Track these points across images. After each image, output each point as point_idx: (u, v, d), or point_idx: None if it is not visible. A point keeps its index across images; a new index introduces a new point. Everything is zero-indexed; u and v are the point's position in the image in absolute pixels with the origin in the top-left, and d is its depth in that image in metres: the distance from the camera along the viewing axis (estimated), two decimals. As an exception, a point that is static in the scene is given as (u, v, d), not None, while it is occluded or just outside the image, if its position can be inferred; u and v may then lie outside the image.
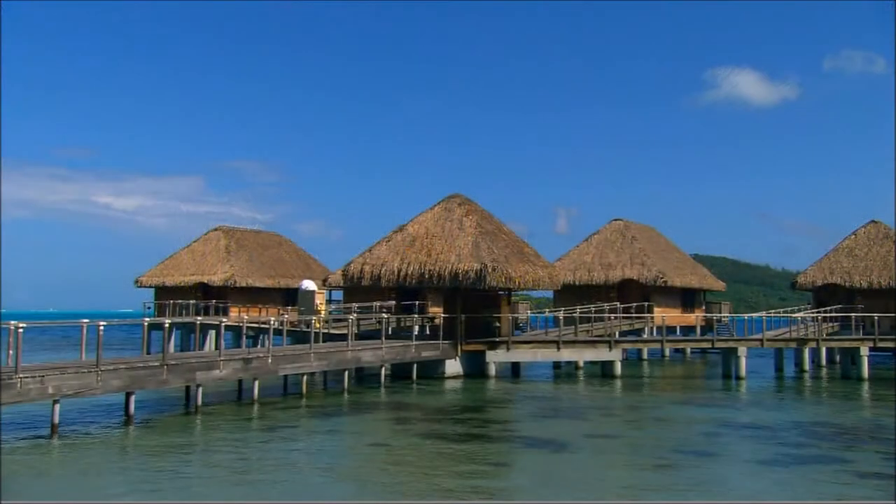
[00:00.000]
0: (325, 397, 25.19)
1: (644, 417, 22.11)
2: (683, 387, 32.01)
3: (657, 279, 46.07)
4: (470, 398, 25.84)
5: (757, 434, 18.84)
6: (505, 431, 19.72)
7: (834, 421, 21.57)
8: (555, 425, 20.39)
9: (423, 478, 13.72)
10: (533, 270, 32.21)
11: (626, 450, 17.04)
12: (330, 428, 19.60)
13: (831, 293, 44.88)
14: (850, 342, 33.61)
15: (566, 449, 16.61)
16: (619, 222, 51.81)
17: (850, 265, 45.55)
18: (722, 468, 15.01)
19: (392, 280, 32.13)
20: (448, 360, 30.87)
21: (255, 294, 50.42)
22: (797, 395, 28.59)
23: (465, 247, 31.49)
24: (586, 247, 50.59)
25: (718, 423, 20.57)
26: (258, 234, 56.60)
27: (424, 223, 33.56)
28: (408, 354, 29.28)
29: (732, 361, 31.61)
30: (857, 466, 15.04)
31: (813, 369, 35.48)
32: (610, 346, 32.03)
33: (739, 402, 26.00)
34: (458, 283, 30.68)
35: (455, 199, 34.49)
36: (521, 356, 31.92)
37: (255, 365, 23.09)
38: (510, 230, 34.99)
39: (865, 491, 13.06)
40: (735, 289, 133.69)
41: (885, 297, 42.84)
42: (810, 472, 14.48)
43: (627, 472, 14.55)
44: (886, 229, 47.39)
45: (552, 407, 24.27)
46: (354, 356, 27.00)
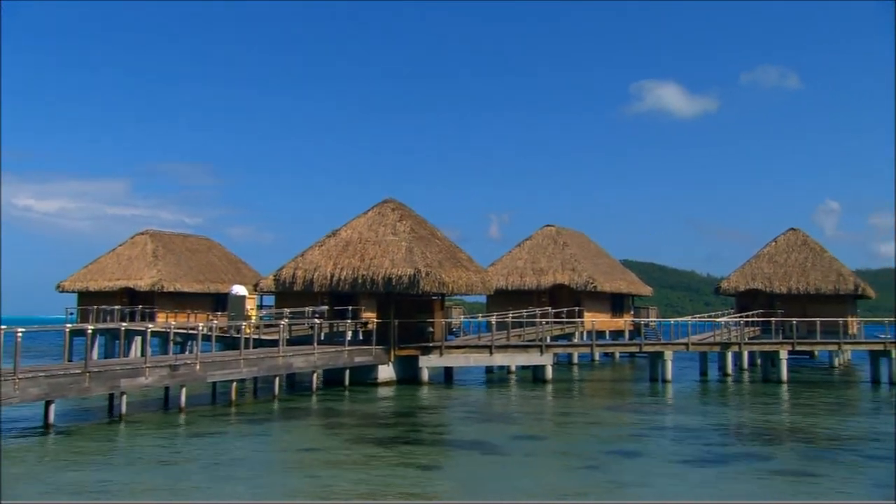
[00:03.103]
0: (255, 404, 24.81)
1: (573, 421, 22.48)
2: (612, 390, 32.64)
3: (588, 284, 46.90)
4: (402, 403, 25.83)
5: (681, 435, 19.38)
6: (436, 435, 19.79)
7: (754, 422, 22.34)
8: (486, 429, 20.54)
9: (352, 481, 13.65)
10: (466, 275, 32.41)
11: (555, 452, 17.31)
12: (259, 434, 19.33)
13: (753, 298, 46.48)
14: (770, 346, 34.88)
15: (496, 451, 16.77)
16: (551, 228, 52.56)
17: (771, 271, 47.28)
18: (647, 468, 15.35)
19: (325, 285, 31.89)
20: (381, 366, 30.79)
21: (184, 299, 49.27)
22: (720, 398, 29.47)
23: (399, 252, 31.49)
24: (519, 252, 51.15)
25: (645, 425, 21.08)
26: (187, 238, 55.38)
27: (358, 228, 33.43)
28: (340, 360, 29.08)
29: (659, 365, 32.42)
30: (775, 465, 15.64)
31: (735, 372, 36.61)
32: (541, 351, 32.46)
33: (665, 405, 26.66)
34: (391, 288, 30.64)
35: (389, 203, 34.46)
36: (454, 361, 32.07)
37: (182, 371, 22.58)
38: (444, 235, 35.16)
39: (782, 487, 13.56)
40: (662, 294, 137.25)
41: (802, 302, 44.63)
42: (731, 470, 14.99)
43: (555, 473, 14.79)
44: (804, 237, 49.38)
45: (484, 411, 24.45)
46: (286, 362, 26.68)
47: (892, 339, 33.97)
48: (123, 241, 52.51)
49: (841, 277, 46.02)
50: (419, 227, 33.65)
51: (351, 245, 32.55)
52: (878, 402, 28.23)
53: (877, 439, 19.19)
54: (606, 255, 57.58)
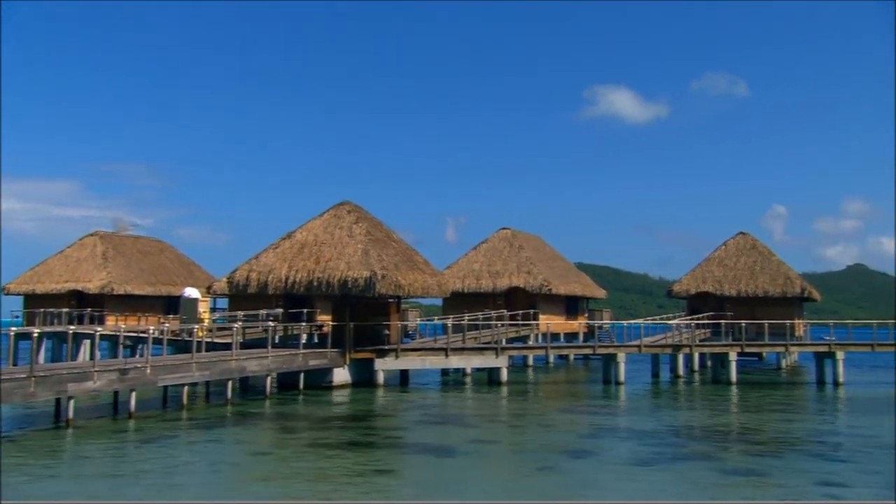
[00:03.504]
0: (208, 408, 24.46)
1: (528, 423, 22.63)
2: (566, 392, 32.94)
3: (543, 287, 47.25)
4: (357, 406, 25.73)
5: (634, 437, 19.63)
6: (392, 439, 19.75)
7: (705, 423, 22.76)
8: (441, 432, 20.56)
9: (306, 485, 13.56)
10: (422, 278, 32.42)
11: (510, 454, 17.42)
12: (211, 439, 19.05)
13: (703, 301, 47.34)
14: (720, 348, 35.59)
15: (452, 454, 16.80)
16: (507, 231, 52.85)
17: (721, 274, 48.22)
18: (599, 469, 15.53)
19: (279, 288, 31.59)
20: (336, 369, 30.61)
21: (134, 302, 48.36)
22: (672, 399, 29.95)
23: (355, 254, 31.35)
24: (475, 255, 51.30)
25: (598, 427, 21.33)
26: (138, 240, 54.40)
27: (313, 230, 33.19)
28: (295, 363, 28.83)
29: (612, 367, 32.83)
30: (725, 464, 15.97)
31: (687, 374, 37.24)
32: (497, 353, 32.62)
33: (618, 406, 27.00)
34: (347, 291, 30.48)
35: (345, 206, 34.29)
36: (409, 364, 32.04)
37: (132, 376, 22.14)
38: (400, 238, 35.10)
39: (731, 487, 13.84)
40: (616, 296, 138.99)
41: (751, 304, 45.63)
42: (682, 470, 15.25)
43: (510, 476, 14.88)
44: (753, 241, 50.48)
45: (439, 414, 24.47)
46: (239, 365, 26.34)
47: (836, 341, 34.94)
48: (72, 242, 51.39)
49: (788, 281, 47.12)
50: (375, 229, 33.55)
51: (306, 247, 32.30)
52: (824, 403, 29.00)
53: (821, 440, 19.74)
54: (561, 258, 58.09)
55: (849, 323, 39.22)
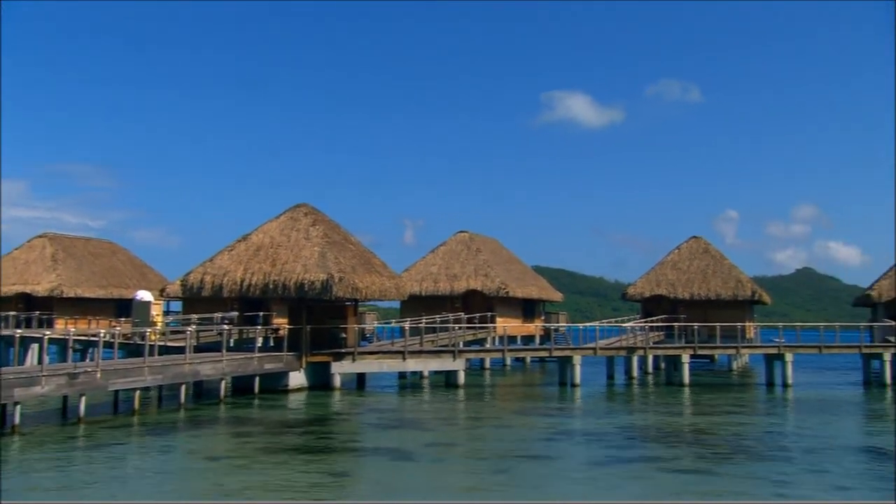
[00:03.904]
0: (160, 413, 24.06)
1: (484, 426, 22.72)
2: (523, 395, 33.15)
3: (500, 290, 47.48)
4: (314, 410, 25.55)
5: (589, 438, 19.85)
6: (348, 442, 19.66)
7: (658, 425, 23.09)
8: (398, 435, 20.53)
9: (260, 490, 13.42)
10: (380, 281, 32.33)
11: (467, 457, 17.46)
12: (164, 444, 18.75)
13: (657, 304, 48.04)
14: (673, 350, 36.17)
15: (408, 458, 16.79)
16: (465, 234, 53.00)
17: (675, 278, 48.98)
18: (554, 471, 15.68)
19: (235, 290, 31.24)
20: (292, 373, 30.35)
21: (85, 305, 47.33)
22: (626, 401, 30.34)
23: (312, 257, 31.14)
24: (433, 258, 51.34)
25: (554, 429, 21.49)
26: (88, 242, 53.27)
27: (269, 232, 32.89)
28: (250, 367, 28.51)
29: (568, 370, 33.13)
30: (677, 464, 16.23)
31: (640, 376, 37.78)
32: (454, 356, 32.68)
33: (574, 408, 27.26)
34: (303, 294, 30.26)
35: (301, 208, 34.06)
36: (366, 367, 31.92)
37: (81, 380, 21.66)
38: (358, 241, 34.97)
39: (684, 486, 14.07)
40: (572, 299, 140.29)
41: (704, 307, 46.42)
42: (635, 471, 15.48)
43: (466, 479, 14.91)
44: (706, 244, 51.40)
45: (396, 417, 24.43)
46: (192, 369, 25.96)
47: (785, 344, 35.75)
48: (20, 244, 50.12)
49: (739, 284, 48.07)
50: (332, 232, 33.38)
51: (262, 250, 31.99)
52: (773, 404, 29.65)
53: (770, 441, 20.18)
54: (518, 261, 58.44)
55: (797, 326, 40.10)
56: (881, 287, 43.82)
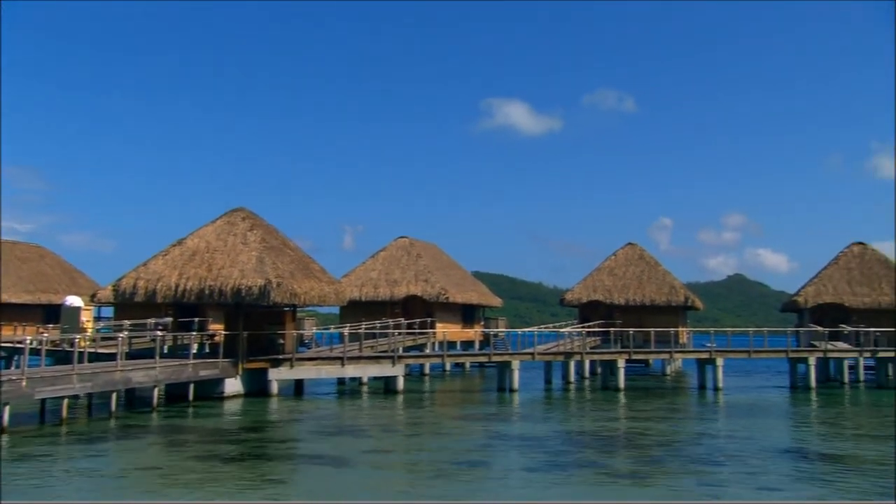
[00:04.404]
0: (90, 423, 23.34)
1: (423, 432, 22.74)
2: (462, 400, 33.28)
3: (440, 296, 47.60)
4: (250, 417, 25.17)
5: (526, 444, 20.02)
6: (284, 450, 19.43)
7: (594, 429, 23.46)
8: (336, 442, 20.36)
9: (194, 500, 13.16)
10: (319, 286, 32.07)
11: (405, 463, 17.44)
12: (93, 454, 18.18)
13: (594, 309, 48.85)
14: (609, 355, 36.79)
15: (345, 465, 16.68)
16: (405, 240, 52.98)
17: (611, 283, 49.90)
18: (492, 477, 15.78)
19: (169, 296, 30.57)
20: (228, 379, 29.84)
21: (11, 311, 45.66)
22: (563, 406, 30.74)
23: (249, 262, 30.71)
24: (373, 263, 51.18)
25: (492, 434, 21.63)
26: (15, 246, 51.43)
27: (206, 237, 32.32)
28: (184, 374, 27.93)
29: (507, 375, 33.38)
30: (613, 469, 16.51)
31: (577, 380, 38.34)
32: (393, 362, 32.62)
33: (512, 413, 27.48)
34: (240, 299, 29.81)
35: (239, 212, 33.57)
36: (304, 373, 31.60)
37: (6, 388, 20.84)
38: (296, 245, 34.63)
39: (619, 490, 14.33)
40: (511, 305, 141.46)
41: (639, 312, 47.40)
42: (571, 476, 15.67)
43: (403, 485, 14.90)
44: (641, 251, 52.51)
45: (334, 424, 24.23)
46: (124, 377, 25.28)
47: (716, 348, 36.76)
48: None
49: (673, 290, 49.24)
50: (270, 236, 32.99)
51: (198, 254, 31.40)
52: (705, 407, 30.43)
53: (702, 443, 20.71)
54: (458, 266, 58.69)
55: (728, 331, 41.30)
56: (807, 293, 45.42)
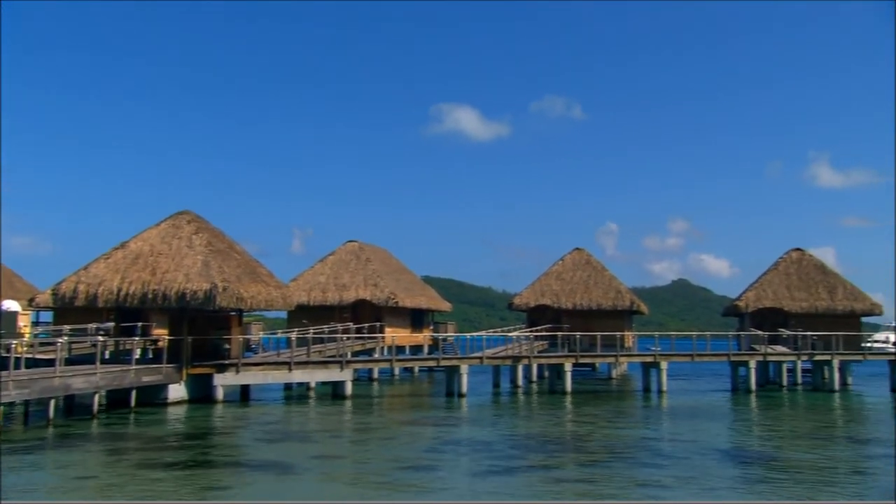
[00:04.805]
0: (26, 431, 22.65)
1: (371, 437, 22.64)
2: (410, 405, 33.24)
3: (389, 300, 47.48)
4: (194, 424, 24.74)
5: (474, 448, 20.11)
6: (229, 457, 19.14)
7: (541, 433, 23.68)
8: (281, 448, 20.16)
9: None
10: (266, 291, 31.70)
11: (352, 469, 17.36)
12: (29, 464, 17.65)
13: (542, 313, 49.26)
14: (556, 359, 37.17)
15: (292, 471, 16.52)
16: (354, 244, 52.74)
17: (559, 288, 50.39)
18: (441, 482, 15.81)
19: (111, 300, 29.87)
20: (172, 385, 29.27)
21: (-57, 315, 44.05)
22: (511, 410, 30.94)
23: (194, 266, 30.20)
24: (321, 267, 50.80)
25: (440, 439, 21.67)
26: (-51, 247, 49.71)
27: (150, 240, 31.67)
28: (126, 380, 27.30)
29: (455, 379, 33.47)
30: (557, 473, 16.70)
31: (525, 384, 38.62)
32: (341, 367, 32.41)
33: (460, 418, 27.54)
34: (185, 304, 29.28)
35: (184, 215, 32.99)
36: (251, 379, 31.19)
37: (-63, 397, 20.16)
38: (243, 249, 34.17)
39: (565, 494, 14.49)
40: (461, 309, 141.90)
41: (585, 317, 47.96)
42: (518, 481, 15.79)
43: (350, 491, 14.83)
44: (588, 256, 53.17)
45: (280, 430, 23.98)
46: (63, 383, 24.60)
47: (660, 352, 37.44)
48: None
49: (619, 294, 49.95)
50: (216, 240, 32.50)
51: (141, 258, 30.76)
52: (649, 410, 30.95)
53: (646, 447, 21.06)
54: (408, 271, 58.64)
55: (672, 335, 42.12)
56: (748, 298, 46.57)
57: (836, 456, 19.63)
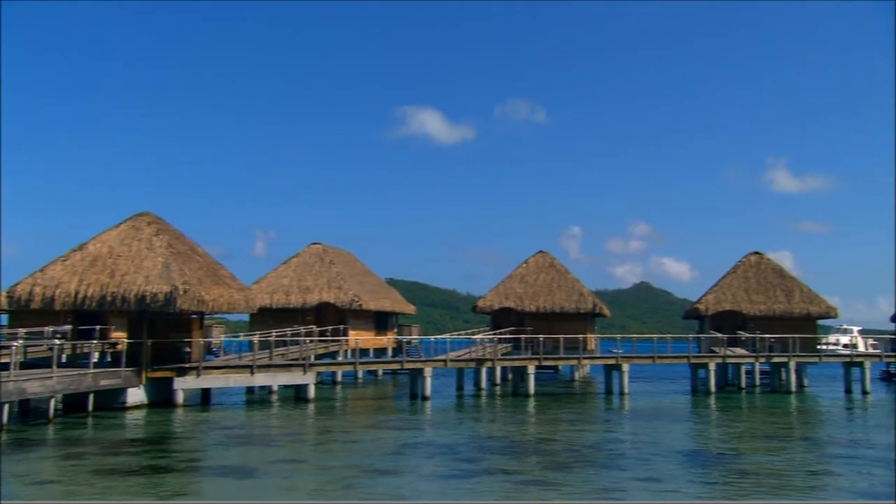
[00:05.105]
0: (-21, 436, 22.15)
1: (333, 440, 22.53)
2: (374, 408, 33.15)
3: (353, 303, 47.30)
4: (153, 428, 24.39)
5: (437, 451, 20.11)
6: (189, 462, 18.89)
7: (504, 435, 23.77)
8: (242, 453, 19.95)
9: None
10: (228, 293, 31.39)
11: (314, 474, 17.24)
12: (-19, 471, 17.26)
13: (506, 316, 49.48)
14: (519, 361, 37.36)
15: (252, 476, 16.37)
16: (318, 246, 52.46)
17: (522, 291, 50.64)
18: (403, 486, 15.77)
19: (68, 303, 29.35)
20: (131, 389, 28.83)
21: None
22: (475, 412, 31.00)
23: (155, 268, 29.80)
24: (284, 270, 50.45)
25: (403, 442, 21.65)
26: None
27: (108, 242, 31.17)
28: (83, 384, 26.83)
29: (419, 382, 33.46)
30: (519, 475, 16.77)
31: (489, 387, 38.75)
32: (304, 370, 32.20)
33: (424, 421, 27.54)
34: (145, 307, 28.87)
35: (144, 217, 32.53)
36: (212, 382, 30.84)
37: None
38: (204, 252, 33.81)
39: (527, 496, 14.57)
40: (425, 312, 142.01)
41: (549, 319, 48.26)
42: (480, 483, 15.84)
43: (312, 495, 14.74)
44: (552, 259, 53.51)
45: (242, 434, 23.73)
46: (18, 387, 24.07)
47: (622, 354, 37.84)
48: None
49: (582, 297, 50.35)
50: (178, 242, 32.09)
51: (100, 260, 30.26)
52: (611, 413, 31.25)
53: (607, 449, 21.26)
54: (372, 273, 58.50)
55: (634, 337, 42.58)
56: (708, 301, 47.27)
57: (793, 457, 20.01)
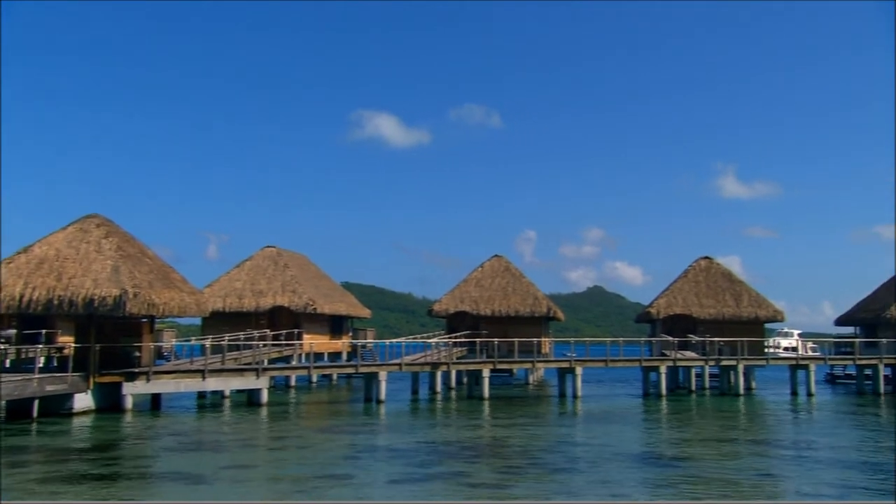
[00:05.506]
0: (-83, 444, 21.43)
1: (286, 445, 22.30)
2: (328, 412, 32.92)
3: (307, 306, 46.92)
4: (101, 435, 23.89)
5: (391, 455, 20.07)
6: (137, 468, 18.55)
7: (458, 439, 23.81)
8: (193, 459, 19.65)
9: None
10: (179, 297, 30.90)
11: (266, 479, 17.07)
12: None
13: (461, 320, 49.58)
14: (475, 365, 37.49)
15: (203, 482, 16.13)
16: (272, 249, 51.93)
17: (477, 294, 50.81)
18: (356, 490, 15.72)
19: (13, 307, 28.57)
20: (78, 395, 28.20)
21: None
22: (429, 416, 31.01)
23: (104, 271, 29.21)
24: (238, 273, 49.81)
25: (357, 446, 21.57)
26: None
27: (55, 244, 30.45)
28: (28, 389, 26.12)
29: (374, 386, 33.35)
30: (473, 479, 16.81)
31: (444, 391, 38.78)
32: (257, 374, 31.86)
33: (378, 425, 27.45)
34: (94, 310, 28.27)
35: (93, 219, 31.86)
36: (162, 387, 30.33)
37: None
38: (155, 254, 33.25)
39: (481, 500, 14.61)
40: (381, 315, 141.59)
41: (504, 323, 48.49)
42: (434, 487, 15.85)
43: (264, 500, 14.59)
44: (507, 263, 53.81)
45: (193, 440, 23.37)
46: (-42, 394, 23.38)
47: (576, 358, 38.22)
48: None
49: (536, 301, 50.71)
50: (127, 244, 31.50)
51: (46, 263, 29.54)
52: (564, 415, 31.54)
53: (560, 451, 21.44)
54: (327, 277, 58.12)
55: (587, 341, 43.03)
56: (659, 305, 47.99)
57: (742, 459, 20.41)
